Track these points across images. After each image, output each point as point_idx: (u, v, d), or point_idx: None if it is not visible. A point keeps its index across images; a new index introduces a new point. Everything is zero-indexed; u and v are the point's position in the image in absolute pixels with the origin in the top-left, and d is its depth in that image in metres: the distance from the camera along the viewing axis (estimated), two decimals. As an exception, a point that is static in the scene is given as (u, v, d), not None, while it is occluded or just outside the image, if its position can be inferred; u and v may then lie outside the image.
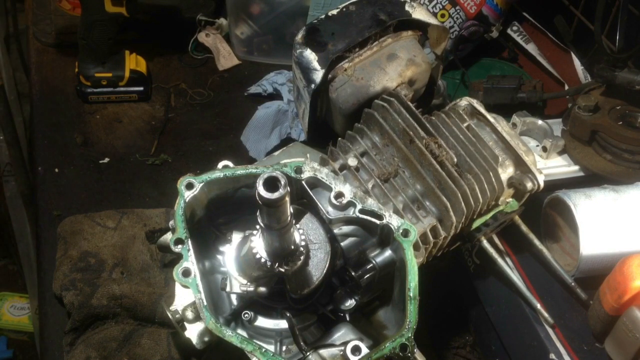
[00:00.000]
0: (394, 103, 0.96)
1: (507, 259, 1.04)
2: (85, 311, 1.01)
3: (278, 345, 0.84)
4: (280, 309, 0.83)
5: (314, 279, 0.79)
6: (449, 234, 0.91)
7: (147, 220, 1.16)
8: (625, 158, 1.11)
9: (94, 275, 1.06)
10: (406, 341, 0.74)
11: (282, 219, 0.68)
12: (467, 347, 1.13)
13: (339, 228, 0.86)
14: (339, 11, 1.03)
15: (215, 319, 0.74)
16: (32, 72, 1.52)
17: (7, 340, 2.28)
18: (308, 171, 0.82)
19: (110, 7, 1.31)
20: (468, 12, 1.43)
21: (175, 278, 0.77)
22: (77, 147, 1.34)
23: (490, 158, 0.95)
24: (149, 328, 1.02)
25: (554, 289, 1.01)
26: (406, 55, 1.02)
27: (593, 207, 0.99)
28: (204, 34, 1.57)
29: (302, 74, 1.01)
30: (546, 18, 1.50)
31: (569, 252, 1.04)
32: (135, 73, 1.42)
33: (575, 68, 1.42)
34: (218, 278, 0.85)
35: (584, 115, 1.13)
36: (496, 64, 1.54)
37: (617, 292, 0.88)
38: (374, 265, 0.83)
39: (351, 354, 0.74)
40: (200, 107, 1.46)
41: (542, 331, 0.95)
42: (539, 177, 0.96)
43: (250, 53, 1.56)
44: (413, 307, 0.76)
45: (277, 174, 0.62)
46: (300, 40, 1.02)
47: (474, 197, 0.92)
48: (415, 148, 0.92)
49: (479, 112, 1.02)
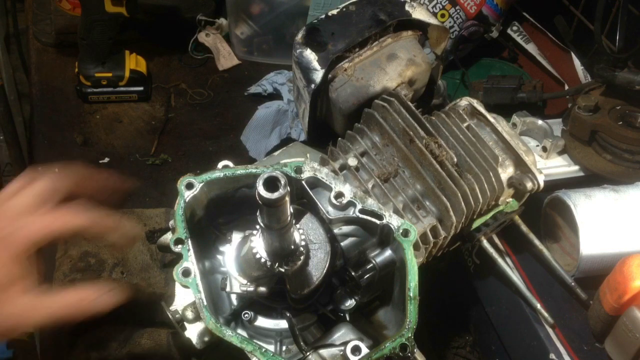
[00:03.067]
0: (394, 103, 0.96)
1: (507, 259, 1.04)
2: (85, 311, 1.00)
3: (278, 345, 0.84)
4: (280, 309, 0.83)
5: (314, 279, 0.79)
6: (449, 234, 0.91)
7: (147, 220, 1.16)
8: (625, 158, 1.11)
9: (94, 275, 1.06)
10: (406, 341, 0.74)
11: (282, 219, 0.68)
12: (467, 347, 1.13)
13: (339, 228, 0.86)
14: (339, 11, 1.03)
15: (215, 319, 0.74)
16: (32, 72, 1.52)
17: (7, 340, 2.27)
18: (308, 171, 0.82)
19: (110, 7, 1.31)
20: (468, 12, 1.43)
21: (175, 278, 0.77)
22: (77, 147, 1.34)
23: (490, 158, 0.95)
24: (149, 328, 1.02)
25: (554, 289, 1.01)
26: (406, 55, 1.02)
27: (593, 207, 0.99)
28: (204, 34, 1.57)
29: (302, 74, 1.01)
30: (546, 18, 1.50)
31: (569, 252, 1.04)
32: (135, 73, 1.42)
33: (575, 68, 1.42)
34: (218, 278, 0.85)
35: (584, 115, 1.13)
36: (496, 64, 1.54)
37: (617, 292, 0.88)
38: (374, 265, 0.83)
39: (351, 354, 0.74)
40: (200, 107, 1.46)
41: (542, 331, 0.95)
42: (539, 177, 0.96)
43: (250, 53, 1.56)
44: (413, 307, 0.76)
45: (277, 174, 0.62)
46: (300, 40, 1.02)
47: (474, 197, 0.92)
48: (415, 148, 0.92)
49: (479, 112, 1.02)
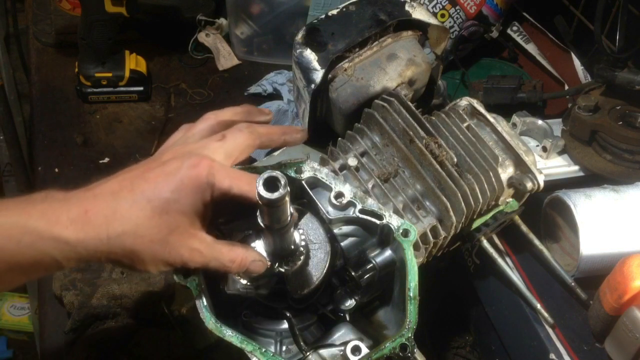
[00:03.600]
0: (394, 103, 0.96)
1: (507, 259, 1.04)
2: (85, 311, 1.01)
3: (278, 345, 0.84)
4: (280, 309, 0.83)
5: (314, 279, 0.79)
6: (449, 234, 0.91)
7: (147, 220, 1.15)
8: (625, 158, 1.11)
9: (94, 275, 1.06)
10: (406, 341, 0.74)
11: (282, 219, 0.68)
12: (467, 347, 1.13)
13: (339, 228, 0.86)
14: (339, 11, 1.03)
15: (215, 319, 0.74)
16: (32, 72, 1.52)
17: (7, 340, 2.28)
18: (308, 171, 0.82)
19: (110, 7, 1.31)
20: (468, 12, 1.43)
21: (175, 278, 0.77)
22: (77, 147, 1.34)
23: (490, 158, 0.95)
24: (149, 328, 1.02)
25: (554, 289, 1.01)
26: (406, 55, 1.02)
27: (593, 207, 0.99)
28: (204, 34, 1.57)
29: (302, 74, 1.01)
30: (546, 18, 1.50)
31: (569, 252, 1.04)
32: (135, 73, 1.42)
33: (575, 68, 1.42)
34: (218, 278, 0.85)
35: (584, 115, 1.13)
36: (496, 64, 1.54)
37: (617, 292, 0.88)
38: (374, 265, 0.83)
39: (351, 354, 0.74)
40: (200, 107, 1.46)
41: (542, 331, 0.95)
42: (539, 177, 0.96)
43: (250, 53, 1.56)
44: (413, 307, 0.76)
45: (277, 174, 0.62)
46: (300, 40, 1.02)
47: (474, 197, 0.92)
48: (415, 148, 0.92)
49: (479, 112, 1.02)
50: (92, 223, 0.64)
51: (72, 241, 0.63)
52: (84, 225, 0.63)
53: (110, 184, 0.68)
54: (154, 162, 0.71)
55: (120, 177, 0.69)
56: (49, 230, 0.62)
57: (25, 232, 0.62)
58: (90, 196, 0.67)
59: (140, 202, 0.65)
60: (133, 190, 0.66)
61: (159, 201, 0.66)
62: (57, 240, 0.62)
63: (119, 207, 0.65)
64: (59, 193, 0.67)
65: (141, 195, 0.66)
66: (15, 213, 0.63)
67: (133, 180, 0.68)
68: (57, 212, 0.63)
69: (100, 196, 0.67)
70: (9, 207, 0.63)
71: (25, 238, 0.61)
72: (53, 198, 0.66)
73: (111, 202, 0.66)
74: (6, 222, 0.62)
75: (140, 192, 0.66)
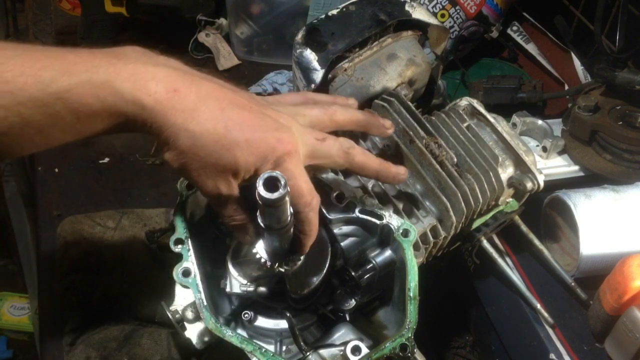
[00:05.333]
0: (394, 103, 0.96)
1: (507, 259, 1.04)
2: (85, 311, 1.01)
3: (278, 345, 0.84)
4: (280, 309, 0.83)
5: (314, 279, 0.79)
6: (449, 234, 0.91)
7: (147, 220, 1.16)
8: (625, 158, 1.11)
9: (94, 275, 1.06)
10: (406, 341, 0.74)
11: (282, 219, 0.68)
12: (467, 347, 1.13)
13: (339, 228, 0.86)
14: (339, 11, 1.03)
15: (215, 319, 0.74)
16: (32, 72, 1.52)
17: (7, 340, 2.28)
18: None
19: (110, 7, 1.31)
20: (468, 12, 1.43)
21: (175, 278, 0.77)
22: (77, 147, 1.34)
23: (490, 158, 0.95)
24: (149, 328, 1.02)
25: (554, 289, 1.01)
26: (406, 55, 1.02)
27: (593, 207, 0.99)
28: (204, 34, 1.57)
29: (302, 74, 1.01)
30: (546, 18, 1.50)
31: (569, 252, 1.04)
32: (135, 73, 1.42)
33: (575, 68, 1.42)
34: (218, 278, 0.85)
35: (584, 115, 1.13)
36: (496, 64, 1.54)
37: (617, 292, 0.88)
38: (374, 265, 0.83)
39: (351, 354, 0.74)
40: (200, 107, 1.46)
41: (542, 331, 0.95)
42: (539, 177, 0.96)
43: (250, 53, 1.56)
44: (413, 307, 0.76)
45: (277, 174, 0.62)
46: (300, 40, 1.02)
47: (474, 197, 0.92)
48: (415, 148, 0.92)
49: (479, 112, 1.02)
50: (176, 108, 0.65)
51: (153, 110, 0.65)
52: (170, 102, 0.65)
53: (207, 86, 0.68)
54: (256, 104, 0.71)
55: (219, 88, 0.69)
56: (131, 94, 0.64)
57: (110, 92, 0.63)
58: (180, 75, 0.67)
59: (221, 122, 0.66)
60: (222, 110, 0.67)
61: (234, 135, 0.66)
62: (138, 105, 0.65)
63: (202, 112, 0.66)
64: (146, 54, 0.71)
65: (225, 121, 0.66)
66: (104, 70, 0.64)
67: (228, 102, 0.68)
68: (145, 79, 0.65)
69: (191, 85, 0.67)
70: (100, 63, 0.65)
71: (108, 98, 0.63)
72: (142, 61, 0.69)
73: (197, 101, 0.66)
74: (93, 79, 0.63)
75: (227, 117, 0.67)
